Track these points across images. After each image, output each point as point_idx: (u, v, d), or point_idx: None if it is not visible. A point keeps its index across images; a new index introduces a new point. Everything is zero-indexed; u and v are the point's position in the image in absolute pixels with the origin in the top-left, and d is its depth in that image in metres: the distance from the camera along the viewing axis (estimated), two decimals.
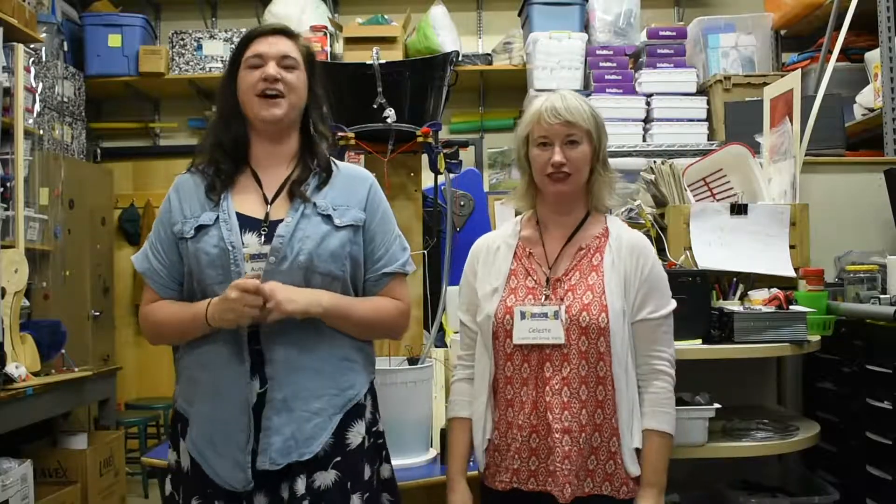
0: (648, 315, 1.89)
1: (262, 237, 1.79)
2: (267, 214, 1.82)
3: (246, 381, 1.75)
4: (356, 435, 1.82)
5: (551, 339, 1.85)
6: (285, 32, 1.89)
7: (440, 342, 2.84)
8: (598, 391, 1.84)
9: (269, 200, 1.84)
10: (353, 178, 1.93)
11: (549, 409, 1.84)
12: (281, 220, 1.81)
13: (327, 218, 1.83)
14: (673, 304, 1.94)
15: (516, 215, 2.12)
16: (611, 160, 2.05)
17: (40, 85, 4.17)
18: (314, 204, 1.83)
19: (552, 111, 1.88)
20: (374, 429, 1.89)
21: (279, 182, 1.86)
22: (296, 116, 1.88)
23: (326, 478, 1.78)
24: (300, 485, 1.74)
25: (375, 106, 2.50)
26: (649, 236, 2.85)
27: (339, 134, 2.52)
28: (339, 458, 1.79)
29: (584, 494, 1.83)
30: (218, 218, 1.80)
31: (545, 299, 1.89)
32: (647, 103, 4.51)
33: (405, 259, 1.95)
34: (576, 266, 1.92)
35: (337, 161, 1.96)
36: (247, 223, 1.81)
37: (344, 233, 1.84)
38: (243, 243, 1.78)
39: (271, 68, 1.82)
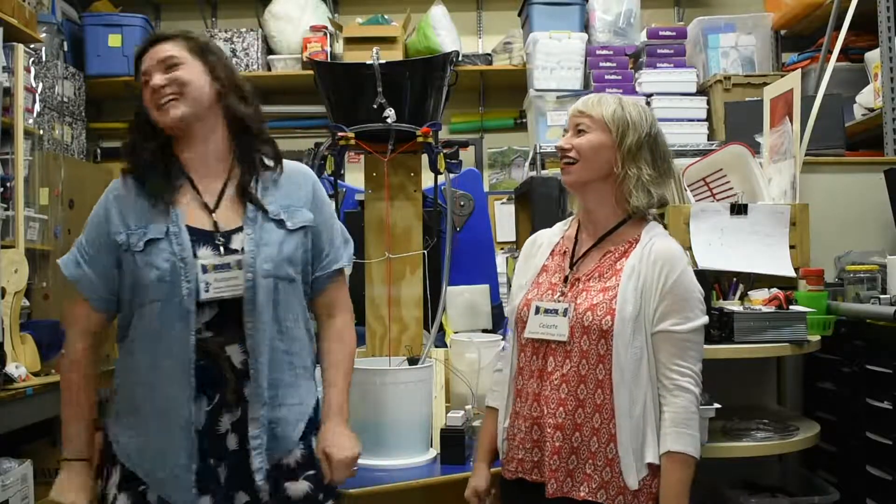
0: (671, 328, 1.83)
1: (221, 249, 1.75)
2: (216, 224, 1.78)
3: (188, 400, 1.72)
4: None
5: (556, 335, 1.86)
6: (161, 39, 1.84)
7: (440, 342, 2.84)
8: (596, 394, 1.83)
9: (212, 209, 1.80)
10: (295, 175, 1.90)
11: (546, 403, 1.86)
12: (234, 231, 1.78)
13: (279, 223, 1.81)
14: (703, 319, 1.88)
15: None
16: None
17: (40, 85, 4.17)
18: (264, 210, 1.80)
19: (579, 104, 1.94)
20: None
21: (217, 188, 1.81)
22: (204, 110, 1.80)
23: (298, 488, 1.79)
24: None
25: (375, 106, 2.50)
26: None
27: (339, 134, 2.52)
28: (312, 472, 1.82)
29: (579, 498, 1.82)
30: (168, 231, 1.75)
31: (560, 296, 1.90)
32: (647, 103, 4.50)
33: (350, 253, 1.98)
34: (598, 268, 1.91)
35: (273, 160, 1.91)
36: (198, 236, 1.76)
37: (297, 236, 1.83)
38: (196, 256, 1.74)
39: (156, 79, 1.77)
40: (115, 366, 1.86)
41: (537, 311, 1.90)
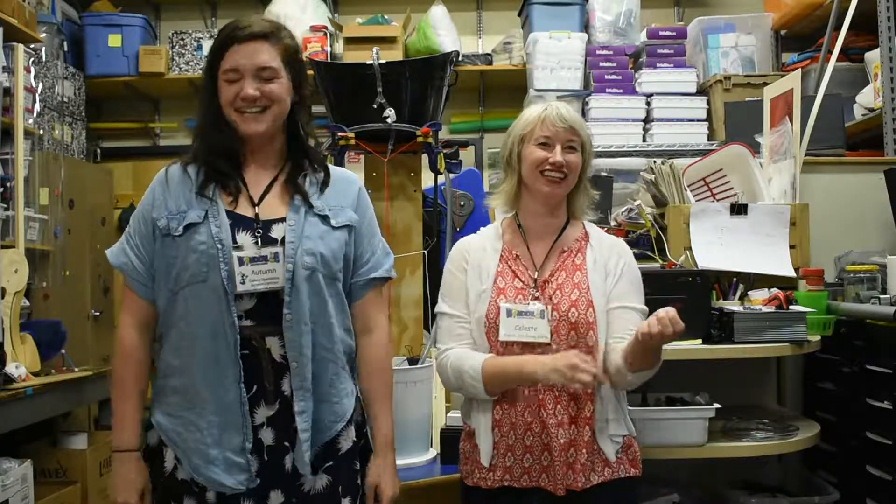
0: (633, 305, 1.97)
1: (258, 238, 1.76)
2: (257, 215, 1.78)
3: (237, 382, 1.72)
4: (347, 440, 1.82)
5: (537, 336, 1.90)
6: (264, 36, 1.78)
7: None
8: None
9: (256, 201, 1.80)
10: (342, 179, 1.91)
11: (541, 405, 1.88)
12: (275, 220, 1.78)
13: (324, 218, 1.80)
14: (643, 307, 1.99)
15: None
16: (611, 160, 2.10)
17: (40, 85, 4.17)
18: (310, 204, 1.80)
19: (558, 116, 1.98)
20: (363, 430, 1.89)
21: (265, 183, 1.82)
22: (281, 122, 1.83)
23: (317, 482, 1.77)
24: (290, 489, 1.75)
25: (375, 106, 2.50)
26: (649, 236, 2.85)
27: (339, 134, 2.52)
28: (330, 463, 1.79)
29: (577, 488, 1.87)
30: (207, 214, 1.75)
31: (533, 299, 1.94)
32: (647, 103, 4.51)
33: (389, 265, 1.93)
34: (560, 267, 1.99)
35: (324, 165, 1.92)
36: (239, 221, 1.77)
37: (340, 233, 1.82)
38: (235, 241, 1.74)
39: (249, 87, 1.74)
40: (159, 355, 1.85)
41: (509, 314, 1.92)
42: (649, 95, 4.50)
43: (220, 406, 1.73)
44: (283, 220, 1.79)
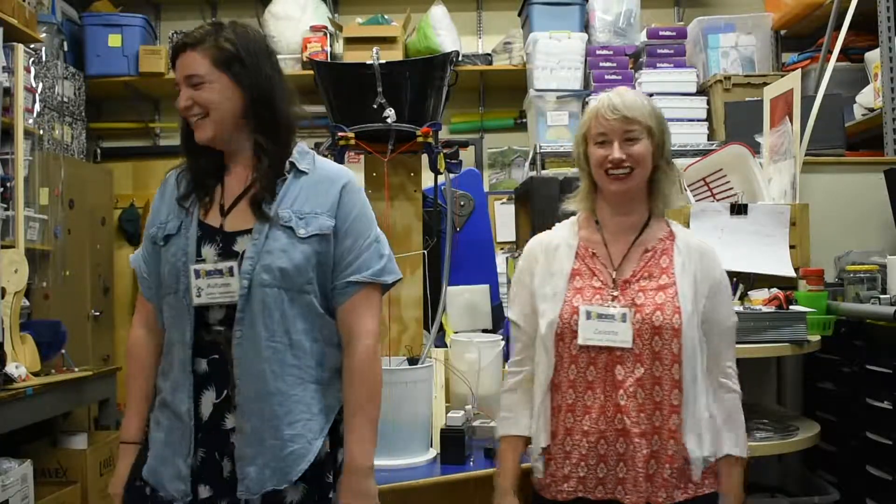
0: (723, 320, 1.87)
1: (218, 252, 1.74)
2: (221, 226, 1.76)
3: (188, 395, 1.73)
4: (296, 493, 1.75)
5: (618, 342, 1.79)
6: (191, 45, 1.77)
7: (440, 342, 2.84)
8: (673, 394, 1.79)
9: (226, 210, 1.78)
10: (324, 180, 1.80)
11: (624, 413, 1.78)
12: (241, 233, 1.75)
13: (290, 230, 1.73)
14: (735, 317, 1.91)
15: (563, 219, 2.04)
16: None
17: (40, 85, 4.17)
18: (277, 214, 1.74)
19: (610, 107, 1.85)
20: (336, 434, 1.82)
21: (239, 190, 1.79)
22: (231, 127, 1.77)
23: (295, 493, 1.73)
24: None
25: (375, 106, 2.50)
26: None
27: (339, 134, 2.52)
28: (305, 471, 1.74)
29: (658, 503, 1.78)
30: (181, 226, 1.78)
31: (612, 300, 1.83)
32: None
33: (379, 267, 1.81)
34: (644, 268, 1.86)
35: (316, 158, 1.85)
36: (208, 233, 1.76)
37: (308, 245, 1.74)
38: (200, 254, 1.74)
39: (182, 97, 1.76)
40: None
41: (588, 316, 1.81)
42: (649, 95, 4.49)
43: (175, 414, 1.76)
44: (249, 231, 1.74)
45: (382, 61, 2.51)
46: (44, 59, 4.30)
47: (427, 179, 2.75)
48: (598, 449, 1.80)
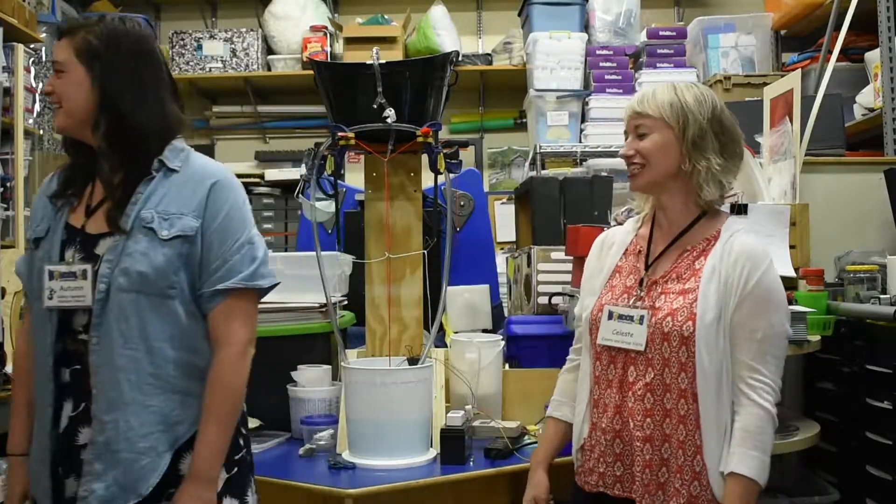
0: (750, 327, 1.73)
1: (75, 254, 1.69)
2: (83, 228, 1.72)
3: (50, 406, 1.68)
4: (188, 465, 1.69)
5: (632, 343, 1.76)
6: (62, 33, 1.73)
7: (440, 342, 2.84)
8: (680, 404, 1.73)
9: (90, 211, 1.73)
10: (192, 179, 1.72)
11: (631, 415, 1.76)
12: (103, 235, 1.70)
13: (151, 231, 1.66)
14: (787, 327, 1.79)
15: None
16: (611, 160, 2.01)
17: (40, 85, 4.17)
18: (138, 215, 1.67)
19: (629, 105, 1.84)
20: (232, 458, 1.74)
21: (110, 190, 1.73)
22: (82, 120, 1.71)
23: None
24: None
25: (375, 106, 2.49)
26: None
27: (339, 134, 2.52)
28: (172, 490, 1.67)
29: None
30: (49, 230, 1.74)
31: (635, 300, 1.81)
32: None
33: (249, 272, 1.70)
34: (675, 268, 1.81)
35: (190, 155, 1.77)
36: (72, 236, 1.72)
37: (170, 248, 1.66)
38: (63, 258, 1.69)
39: (49, 81, 1.72)
40: None
41: (610, 316, 1.80)
42: None
43: (41, 426, 1.72)
44: (110, 234, 1.69)
45: (382, 61, 2.51)
46: (44, 59, 4.29)
47: (427, 179, 2.75)
48: (615, 448, 1.79)
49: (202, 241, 1.69)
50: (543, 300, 2.90)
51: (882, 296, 2.56)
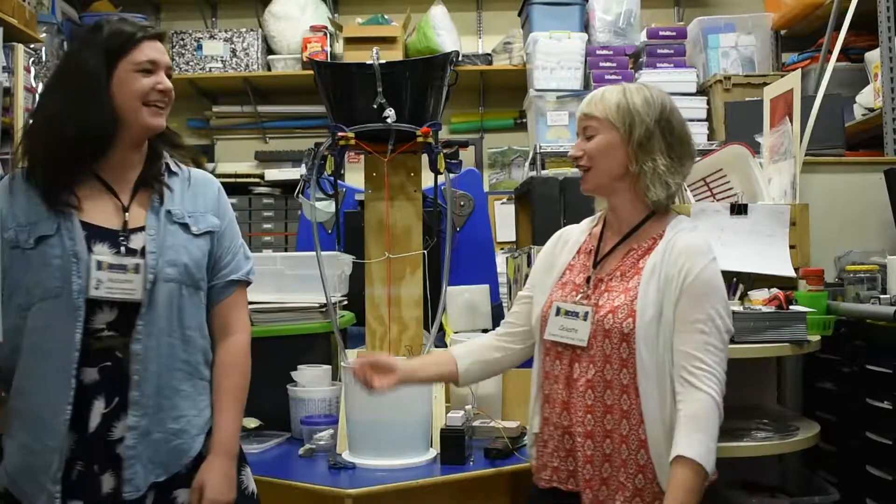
0: (690, 320, 1.74)
1: (122, 248, 1.71)
2: (125, 223, 1.74)
3: (68, 405, 1.66)
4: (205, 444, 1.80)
5: (576, 339, 1.80)
6: (162, 36, 1.82)
7: (440, 342, 2.84)
8: (622, 399, 1.77)
9: (126, 207, 1.76)
10: (201, 182, 1.88)
11: (574, 410, 1.80)
12: (134, 230, 1.73)
13: (185, 226, 1.78)
14: (728, 321, 1.78)
15: None
16: None
17: (40, 85, 4.17)
18: (169, 211, 1.76)
19: (580, 106, 1.89)
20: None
21: (128, 189, 1.78)
22: None
23: (189, 495, 1.74)
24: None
25: (375, 106, 2.50)
26: None
27: (339, 134, 2.52)
28: (194, 472, 1.76)
29: None
30: (59, 227, 1.70)
31: (582, 297, 1.84)
32: None
33: (249, 268, 1.91)
34: (619, 266, 1.85)
35: (182, 165, 1.88)
36: (96, 233, 1.72)
37: (202, 241, 1.80)
38: (91, 251, 1.69)
39: (166, 80, 1.77)
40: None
41: (558, 312, 1.84)
42: None
43: (40, 426, 1.68)
44: (142, 229, 1.74)
45: (382, 61, 2.51)
46: (44, 59, 4.29)
47: (427, 179, 2.75)
48: (565, 443, 1.82)
49: (217, 237, 1.84)
50: None
51: (882, 296, 2.56)
